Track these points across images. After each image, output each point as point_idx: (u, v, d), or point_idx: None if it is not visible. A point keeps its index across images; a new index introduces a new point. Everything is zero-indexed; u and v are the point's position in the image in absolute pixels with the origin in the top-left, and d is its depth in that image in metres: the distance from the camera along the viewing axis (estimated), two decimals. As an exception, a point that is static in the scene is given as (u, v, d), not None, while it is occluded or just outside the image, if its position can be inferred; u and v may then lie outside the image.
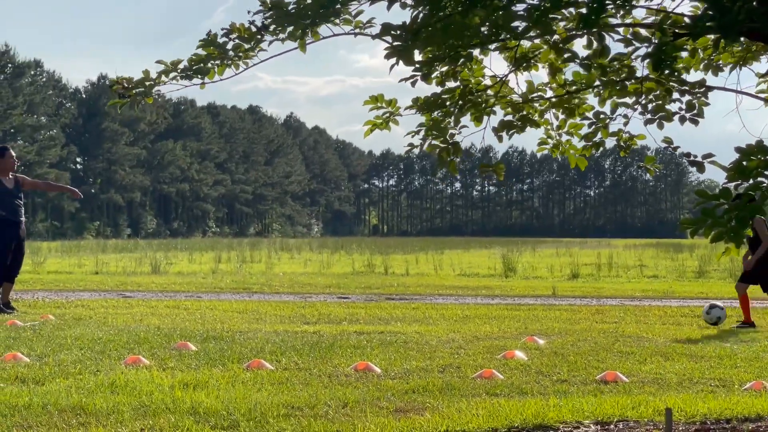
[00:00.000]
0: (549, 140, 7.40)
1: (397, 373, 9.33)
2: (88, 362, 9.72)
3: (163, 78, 6.48)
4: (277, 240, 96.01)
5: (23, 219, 16.22)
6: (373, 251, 49.21)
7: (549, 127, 7.26)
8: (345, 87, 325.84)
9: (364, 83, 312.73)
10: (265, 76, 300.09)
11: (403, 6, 5.68)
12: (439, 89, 6.64)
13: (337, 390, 8.25)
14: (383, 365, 9.72)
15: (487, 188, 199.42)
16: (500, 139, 6.95)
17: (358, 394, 8.08)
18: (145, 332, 12.42)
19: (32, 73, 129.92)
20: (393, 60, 5.73)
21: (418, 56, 5.86)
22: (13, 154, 16.47)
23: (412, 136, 6.97)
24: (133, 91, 6.55)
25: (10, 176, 16.22)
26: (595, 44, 5.64)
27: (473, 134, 6.98)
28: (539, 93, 6.95)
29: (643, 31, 5.94)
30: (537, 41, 6.35)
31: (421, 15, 5.52)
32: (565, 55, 6.05)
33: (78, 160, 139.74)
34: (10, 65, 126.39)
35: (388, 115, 7.02)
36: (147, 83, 6.53)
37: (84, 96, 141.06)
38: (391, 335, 12.52)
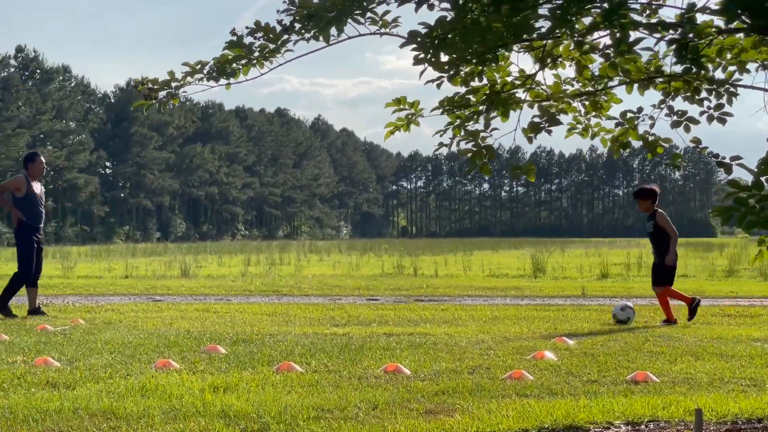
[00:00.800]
0: (578, 125, 7.35)
1: (426, 374, 9.32)
2: (119, 366, 9.76)
3: (189, 79, 6.49)
4: (306, 242, 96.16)
5: (42, 225, 16.39)
6: (402, 253, 49.19)
7: (577, 113, 7.22)
8: (372, 89, 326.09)
9: (392, 85, 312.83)
10: (293, 78, 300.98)
11: (431, 7, 5.68)
12: (463, 89, 6.63)
13: (367, 392, 8.25)
14: (413, 367, 9.71)
15: (515, 189, 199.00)
16: (530, 140, 6.92)
17: (387, 395, 8.08)
18: (174, 336, 12.46)
19: (61, 78, 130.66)
20: (421, 65, 5.74)
21: (444, 58, 5.85)
22: (43, 159, 16.59)
23: (441, 135, 6.95)
24: (159, 93, 6.56)
25: (39, 182, 16.37)
26: (618, 35, 5.61)
27: (503, 136, 6.97)
28: (566, 87, 6.92)
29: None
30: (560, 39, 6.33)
31: (446, 18, 5.52)
32: (585, 47, 6.02)
33: (107, 164, 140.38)
34: (38, 71, 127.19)
35: (410, 116, 7.00)
36: (173, 84, 6.55)
37: (112, 101, 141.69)
38: (421, 337, 12.51)
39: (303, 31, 6.02)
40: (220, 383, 8.60)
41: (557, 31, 5.65)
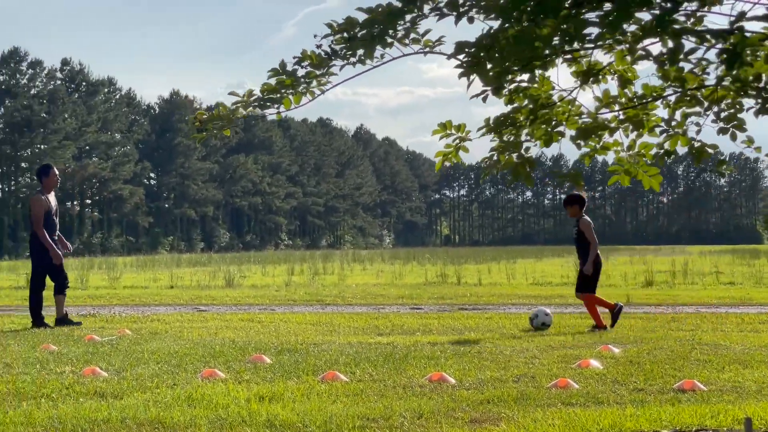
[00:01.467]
0: (621, 165, 7.29)
1: (471, 383, 9.30)
2: (165, 376, 9.82)
3: (240, 110, 6.56)
4: (349, 252, 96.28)
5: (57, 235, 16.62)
6: (445, 261, 49.15)
7: (620, 148, 7.17)
8: (415, 97, 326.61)
9: (434, 93, 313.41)
10: (335, 89, 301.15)
11: (470, 20, 5.67)
12: (508, 108, 6.62)
13: (412, 401, 8.25)
14: (457, 375, 9.70)
15: (558, 196, 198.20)
16: (579, 146, 6.88)
17: (432, 404, 8.07)
18: (220, 345, 12.52)
19: (106, 90, 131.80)
20: (466, 77, 5.74)
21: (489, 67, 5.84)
22: (56, 171, 16.76)
23: (486, 163, 6.94)
24: (210, 125, 6.65)
25: (53, 194, 16.56)
26: (670, 44, 5.56)
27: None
28: (610, 103, 6.88)
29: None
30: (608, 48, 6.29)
31: (492, 29, 5.51)
32: (638, 53, 5.98)
33: (151, 175, 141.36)
34: (84, 83, 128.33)
35: (458, 141, 6.99)
36: (223, 116, 6.62)
37: (156, 112, 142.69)
38: (465, 345, 12.50)
39: (348, 55, 6.05)
40: (265, 393, 8.63)
41: (607, 39, 5.62)
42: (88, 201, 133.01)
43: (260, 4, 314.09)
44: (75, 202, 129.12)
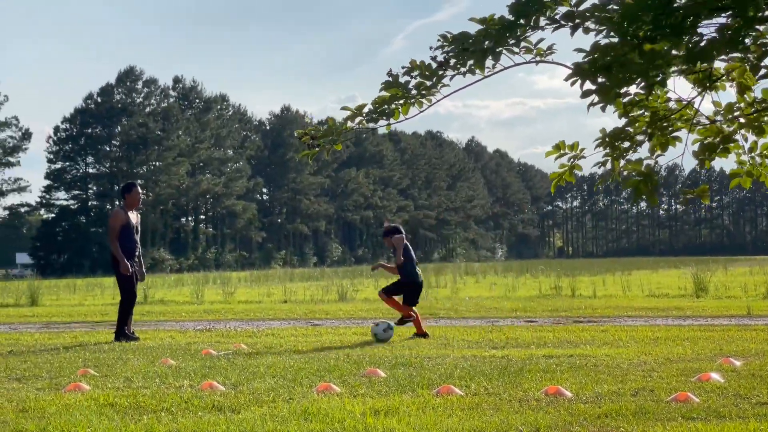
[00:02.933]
0: (742, 167, 7.15)
1: (588, 397, 9.18)
2: (281, 390, 9.87)
3: (349, 123, 6.56)
4: (462, 264, 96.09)
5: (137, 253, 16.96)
6: (559, 273, 48.75)
7: (741, 150, 7.02)
8: (526, 109, 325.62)
9: (545, 104, 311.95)
10: (446, 101, 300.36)
11: (586, 31, 5.61)
12: (623, 121, 6.54)
13: (528, 415, 8.17)
14: (574, 389, 9.58)
15: (674, 207, 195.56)
16: (702, 163, 6.75)
17: (549, 419, 7.98)
18: (335, 359, 12.56)
19: (218, 107, 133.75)
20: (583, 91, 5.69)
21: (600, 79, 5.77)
22: (140, 189, 17.02)
23: (599, 167, 6.85)
24: (321, 140, 6.67)
25: (135, 212, 16.81)
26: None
27: (673, 160, 6.82)
28: (729, 112, 6.74)
29: None
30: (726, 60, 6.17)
31: (608, 44, 5.45)
32: (762, 71, 5.85)
33: (264, 190, 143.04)
34: (197, 100, 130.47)
35: (572, 160, 6.91)
36: (333, 130, 6.63)
37: (268, 128, 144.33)
38: (581, 358, 12.35)
39: (459, 65, 6.03)
40: (380, 407, 8.62)
41: (728, 53, 5.51)
42: (202, 217, 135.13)
43: (371, 19, 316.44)
44: (189, 218, 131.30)
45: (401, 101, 6.37)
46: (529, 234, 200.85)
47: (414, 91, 6.33)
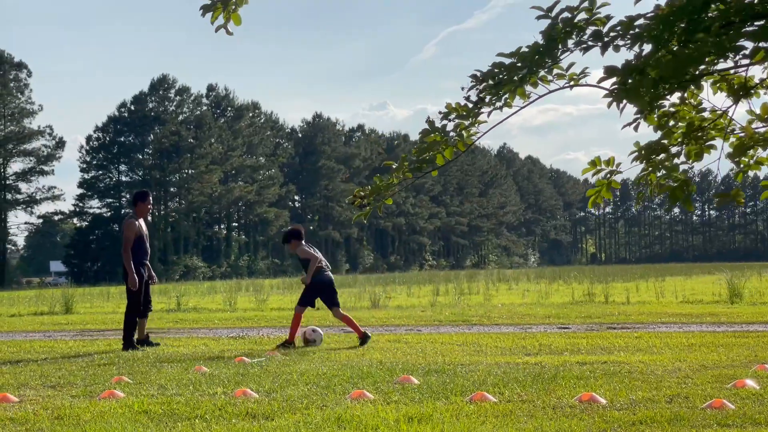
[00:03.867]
0: None
1: (622, 404, 9.15)
2: (315, 397, 9.89)
3: (395, 176, 6.64)
4: (494, 271, 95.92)
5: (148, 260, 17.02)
6: (592, 280, 48.56)
7: None
8: (558, 115, 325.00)
9: (578, 111, 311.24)
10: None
11: (617, 49, 5.61)
12: (659, 134, 6.52)
13: (563, 422, 8.14)
14: (608, 396, 9.55)
15: (707, 212, 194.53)
16: (738, 164, 6.71)
17: (583, 426, 7.96)
18: (368, 366, 12.57)
19: (250, 115, 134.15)
20: (617, 104, 5.68)
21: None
22: (151, 199, 17.15)
23: (638, 184, 6.83)
24: (371, 200, 6.76)
25: (143, 221, 16.90)
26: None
27: (708, 165, 6.80)
28: (758, 127, 6.71)
29: None
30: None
31: (641, 52, 5.44)
32: None
33: (296, 198, 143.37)
34: (230, 108, 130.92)
35: (609, 175, 6.89)
36: (381, 188, 6.72)
37: (299, 135, 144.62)
38: (615, 365, 12.30)
39: (494, 101, 6.07)
40: (414, 414, 8.62)
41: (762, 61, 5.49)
42: (235, 224, 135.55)
43: (401, 26, 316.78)
44: (222, 226, 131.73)
45: (443, 146, 6.43)
46: (561, 240, 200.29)
47: (452, 133, 6.39)
